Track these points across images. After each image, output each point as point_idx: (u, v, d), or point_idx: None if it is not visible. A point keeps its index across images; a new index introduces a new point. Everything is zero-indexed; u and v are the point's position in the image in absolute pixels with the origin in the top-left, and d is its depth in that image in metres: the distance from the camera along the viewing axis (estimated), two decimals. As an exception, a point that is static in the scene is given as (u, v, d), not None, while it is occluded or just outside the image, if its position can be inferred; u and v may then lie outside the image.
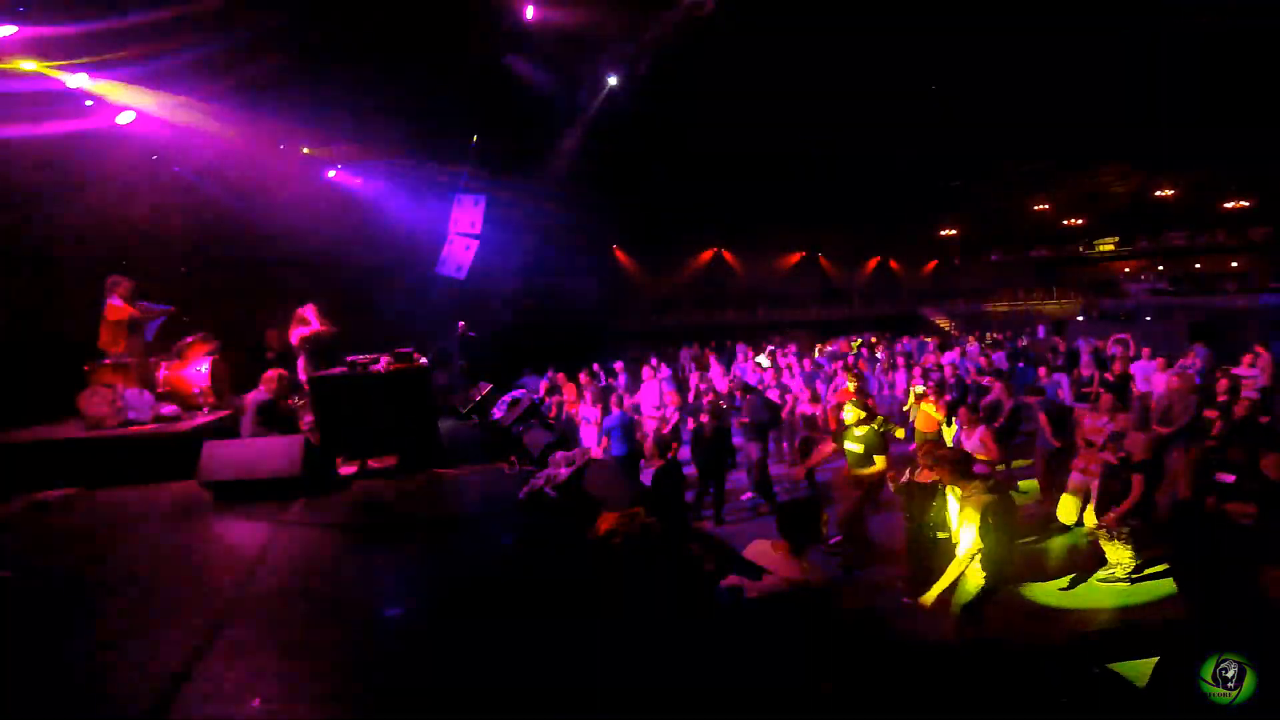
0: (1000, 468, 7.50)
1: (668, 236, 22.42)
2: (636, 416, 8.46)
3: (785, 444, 9.91)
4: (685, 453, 8.06)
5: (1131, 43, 13.26)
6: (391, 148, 12.06)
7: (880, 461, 6.28)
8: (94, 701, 2.38)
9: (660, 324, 21.70)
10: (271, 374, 6.30)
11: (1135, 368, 9.93)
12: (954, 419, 8.14)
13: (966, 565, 4.16)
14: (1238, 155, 18.85)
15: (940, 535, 4.88)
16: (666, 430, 9.02)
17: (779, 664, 2.30)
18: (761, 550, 3.09)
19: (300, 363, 7.96)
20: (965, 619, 4.27)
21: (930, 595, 4.20)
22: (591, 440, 8.63)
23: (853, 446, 6.43)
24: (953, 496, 4.50)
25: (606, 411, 8.51)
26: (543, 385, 10.58)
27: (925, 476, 5.21)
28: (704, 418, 8.09)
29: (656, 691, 2.25)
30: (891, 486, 6.03)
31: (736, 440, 8.37)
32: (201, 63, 7.70)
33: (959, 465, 4.48)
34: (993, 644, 4.44)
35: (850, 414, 6.57)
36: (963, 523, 4.23)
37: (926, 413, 8.60)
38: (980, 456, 6.58)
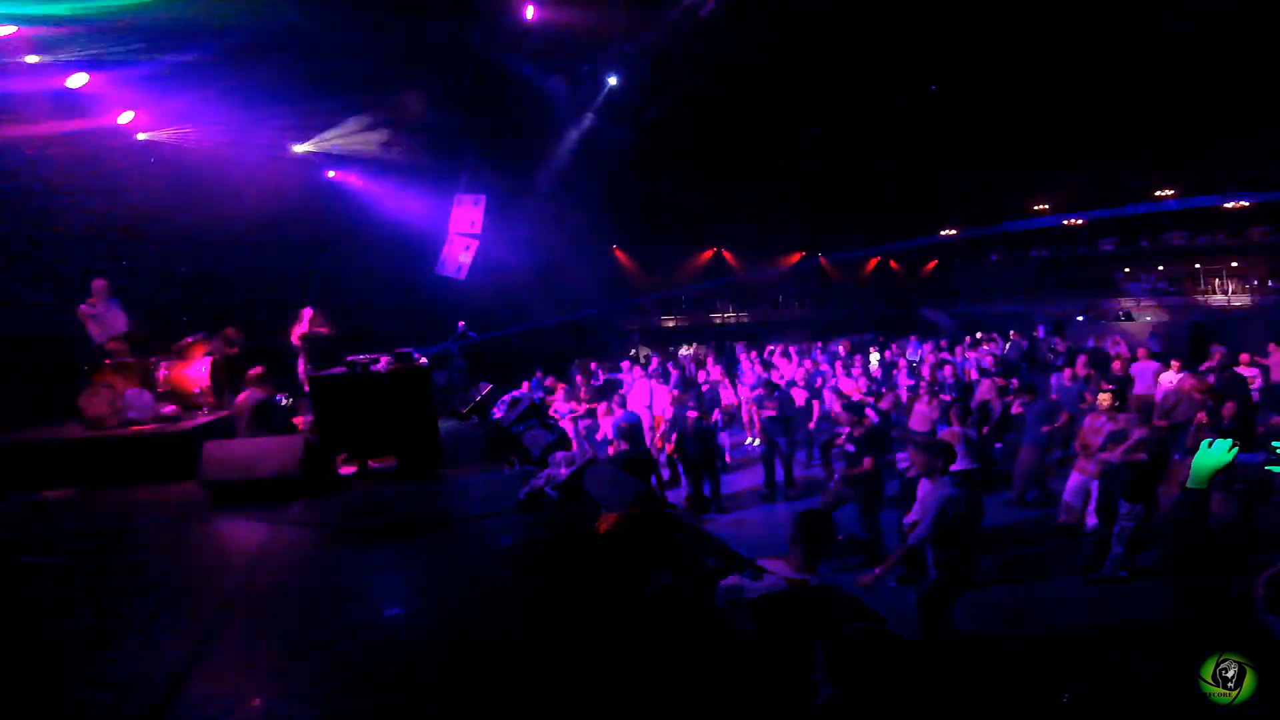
0: None
1: (668, 236, 22.39)
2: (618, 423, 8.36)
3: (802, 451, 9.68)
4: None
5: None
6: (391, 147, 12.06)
7: (869, 462, 6.26)
8: (94, 701, 2.38)
9: (660, 324, 21.72)
10: (257, 372, 6.25)
11: (1134, 369, 9.93)
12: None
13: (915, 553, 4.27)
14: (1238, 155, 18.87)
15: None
16: (661, 428, 9.05)
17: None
18: (771, 564, 3.07)
19: (300, 362, 7.98)
20: (925, 614, 4.32)
21: (870, 580, 4.19)
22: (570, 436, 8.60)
23: (848, 446, 6.44)
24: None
25: (604, 412, 8.52)
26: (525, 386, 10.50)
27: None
28: (691, 413, 8.10)
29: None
30: None
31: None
32: (197, 63, 7.71)
33: (935, 456, 4.49)
34: (989, 642, 4.45)
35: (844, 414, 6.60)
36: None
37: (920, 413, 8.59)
38: None
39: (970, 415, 7.22)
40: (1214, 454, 2.10)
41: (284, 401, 7.12)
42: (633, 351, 13.66)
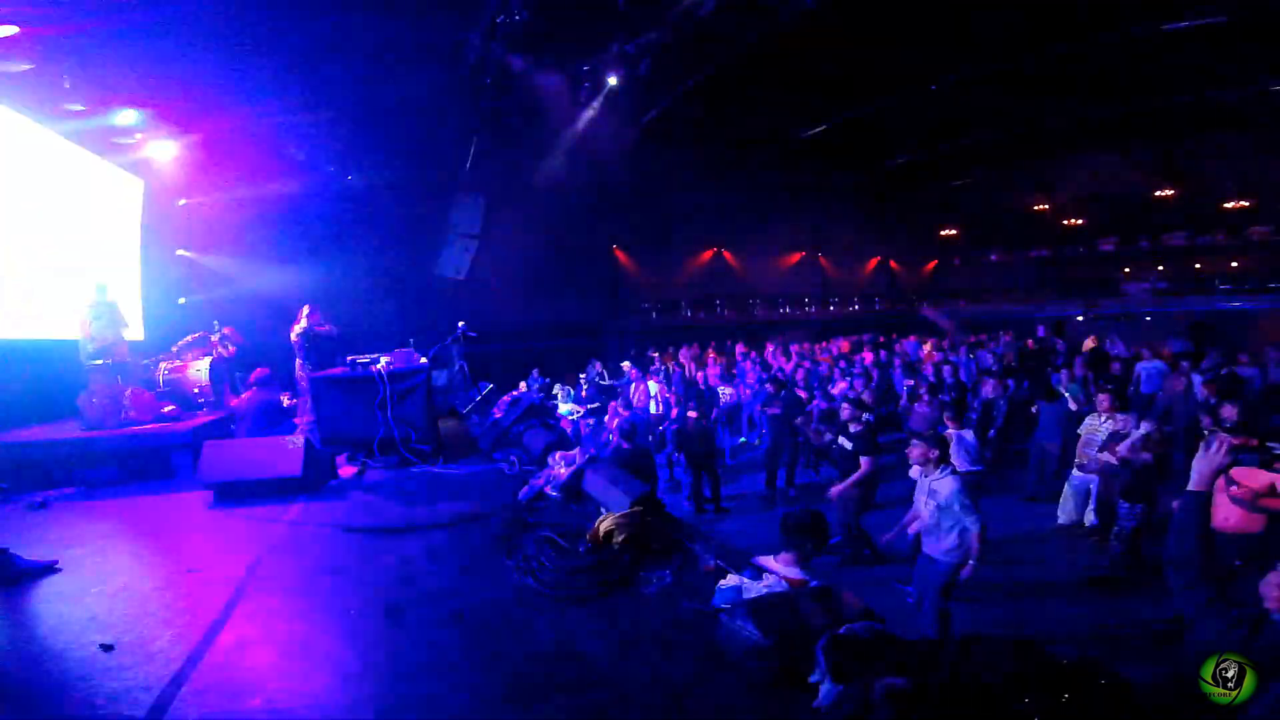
0: None
1: (668, 236, 22.38)
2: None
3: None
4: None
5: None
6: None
7: (866, 463, 6.26)
8: (94, 702, 2.38)
9: (660, 324, 21.66)
10: (262, 373, 6.27)
11: (1140, 367, 9.94)
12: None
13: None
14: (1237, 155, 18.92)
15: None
16: (662, 428, 9.06)
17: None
18: (766, 561, 3.09)
19: (298, 361, 7.97)
20: (943, 601, 4.42)
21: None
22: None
23: (844, 444, 6.43)
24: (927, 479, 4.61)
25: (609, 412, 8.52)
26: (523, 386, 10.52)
27: None
28: (691, 412, 8.10)
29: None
30: None
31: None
32: (196, 61, 7.71)
33: (931, 447, 4.60)
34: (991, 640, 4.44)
35: (846, 411, 6.60)
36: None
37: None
38: None
39: (965, 415, 7.24)
40: None
41: (285, 402, 7.14)
42: None
